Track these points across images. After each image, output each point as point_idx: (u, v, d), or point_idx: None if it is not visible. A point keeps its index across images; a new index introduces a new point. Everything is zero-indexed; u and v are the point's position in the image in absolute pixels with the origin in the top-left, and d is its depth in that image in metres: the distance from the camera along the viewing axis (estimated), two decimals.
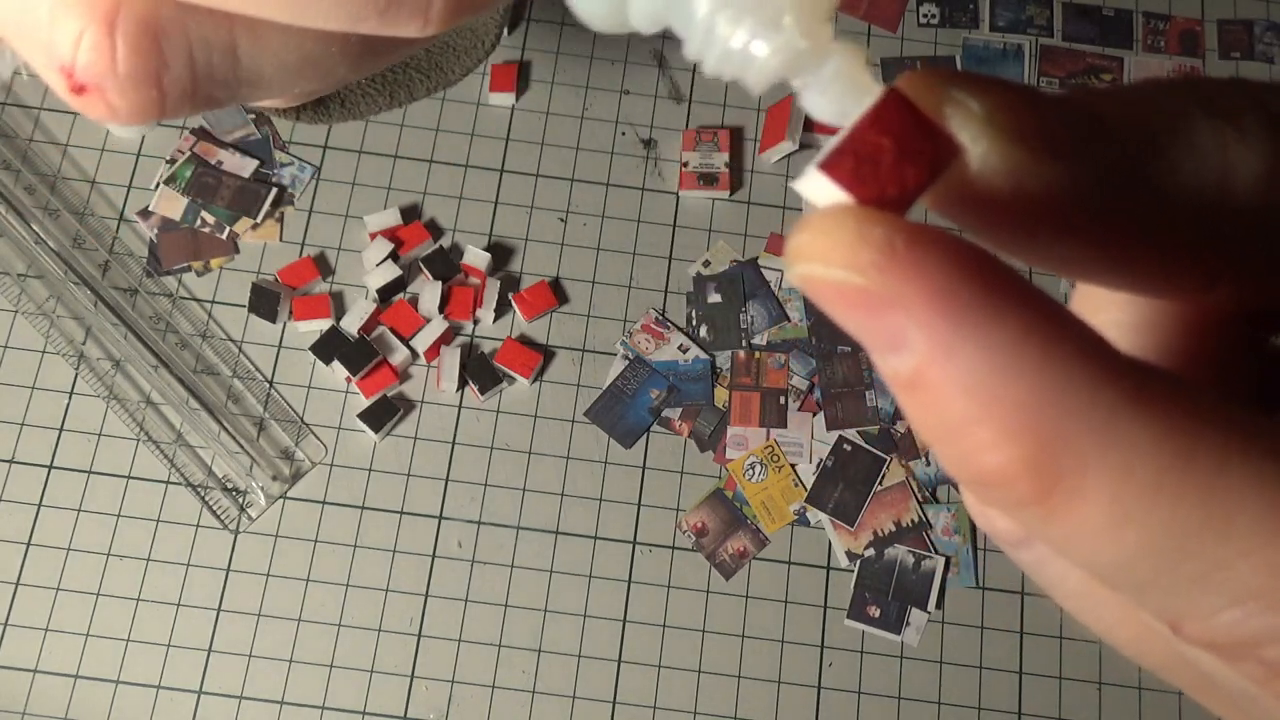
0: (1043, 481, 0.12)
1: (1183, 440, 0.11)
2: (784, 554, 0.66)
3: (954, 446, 0.12)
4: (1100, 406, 0.11)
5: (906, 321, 0.12)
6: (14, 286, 0.69)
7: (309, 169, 0.72)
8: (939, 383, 0.12)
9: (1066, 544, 0.12)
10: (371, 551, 0.65)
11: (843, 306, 0.12)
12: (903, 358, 0.12)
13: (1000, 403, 0.12)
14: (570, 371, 0.69)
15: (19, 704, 0.62)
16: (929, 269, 0.12)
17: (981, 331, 0.12)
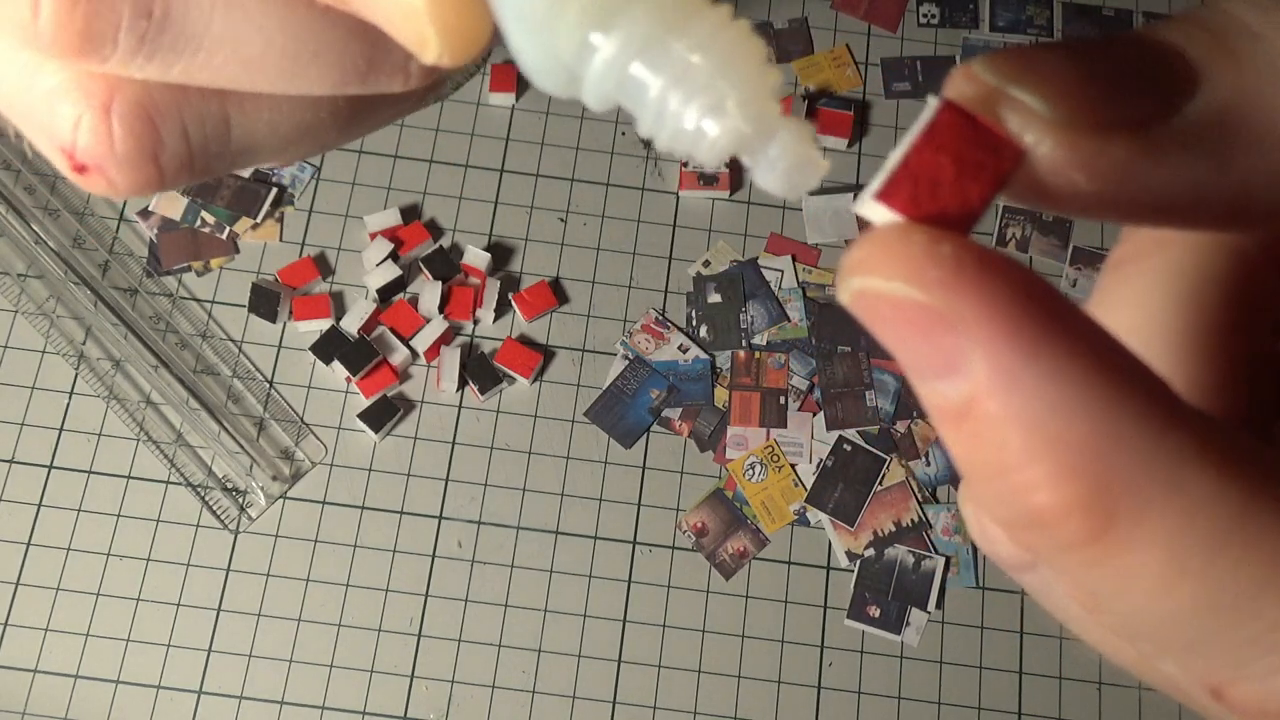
0: (1097, 524, 0.11)
1: (1248, 494, 0.11)
2: (784, 554, 0.66)
3: (1002, 482, 0.12)
4: (1164, 452, 0.11)
5: (966, 345, 0.11)
6: (14, 286, 0.69)
7: (309, 169, 0.72)
8: (996, 414, 0.11)
9: (1113, 593, 0.12)
10: (371, 551, 0.65)
11: (897, 325, 0.12)
12: (955, 384, 0.11)
13: (1061, 440, 0.11)
14: (570, 371, 0.69)
15: (19, 704, 0.62)
16: (997, 292, 0.11)
17: (1048, 363, 0.11)
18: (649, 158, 0.74)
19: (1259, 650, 0.11)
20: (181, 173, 0.18)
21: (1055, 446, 0.11)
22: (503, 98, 0.74)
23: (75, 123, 0.17)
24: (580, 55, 0.13)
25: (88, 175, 0.17)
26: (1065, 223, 0.73)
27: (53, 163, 0.18)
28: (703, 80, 0.13)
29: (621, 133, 0.74)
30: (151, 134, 0.17)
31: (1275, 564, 0.11)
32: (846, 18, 0.79)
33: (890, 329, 0.12)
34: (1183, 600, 0.11)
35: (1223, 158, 0.13)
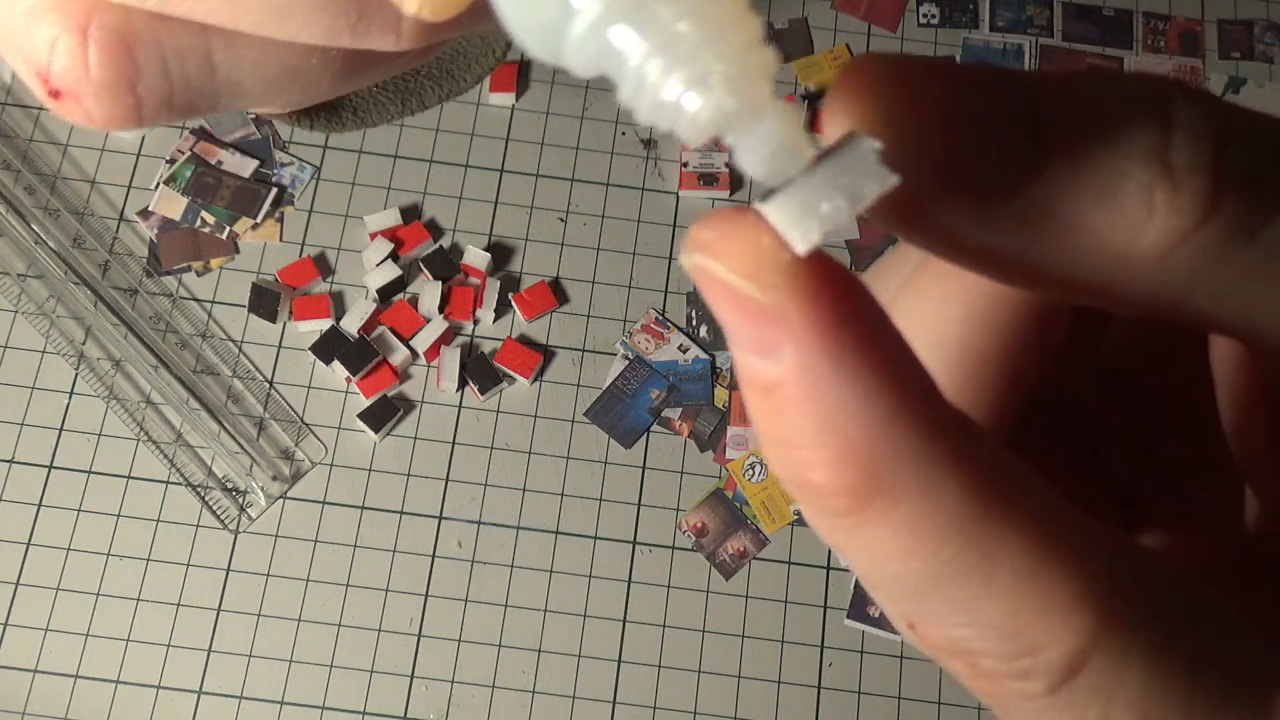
0: (856, 504, 0.13)
1: (978, 500, 0.13)
2: (784, 554, 0.66)
3: (786, 453, 0.14)
4: (923, 456, 0.13)
5: (783, 339, 0.13)
6: (14, 286, 0.69)
7: (309, 169, 0.72)
8: (794, 400, 0.13)
9: (854, 553, 0.14)
10: (371, 551, 0.65)
11: (729, 305, 0.13)
12: (768, 365, 0.13)
13: (842, 434, 0.13)
14: (570, 371, 0.69)
15: (19, 704, 0.62)
16: (822, 302, 0.13)
17: (847, 371, 0.13)
18: (649, 158, 0.74)
19: (952, 610, 0.14)
20: (161, 108, 0.17)
21: (836, 439, 0.13)
22: (503, 98, 0.74)
23: (51, 45, 0.17)
24: (563, 17, 0.12)
25: (63, 101, 0.17)
26: None
27: (31, 89, 0.17)
28: (688, 50, 0.12)
29: (621, 133, 0.74)
30: (129, 61, 0.17)
31: (981, 557, 0.14)
32: (846, 18, 0.79)
33: (723, 307, 0.14)
34: (909, 571, 0.14)
35: (1035, 238, 0.15)
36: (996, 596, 0.14)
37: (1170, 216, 0.14)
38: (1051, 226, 0.14)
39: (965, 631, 0.14)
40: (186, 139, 0.72)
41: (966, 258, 0.15)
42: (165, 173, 0.71)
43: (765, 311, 0.13)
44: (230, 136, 0.73)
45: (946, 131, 0.14)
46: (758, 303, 0.13)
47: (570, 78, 0.76)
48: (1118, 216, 0.14)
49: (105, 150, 0.72)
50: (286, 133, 0.73)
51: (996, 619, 0.14)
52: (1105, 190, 0.14)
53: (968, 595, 0.14)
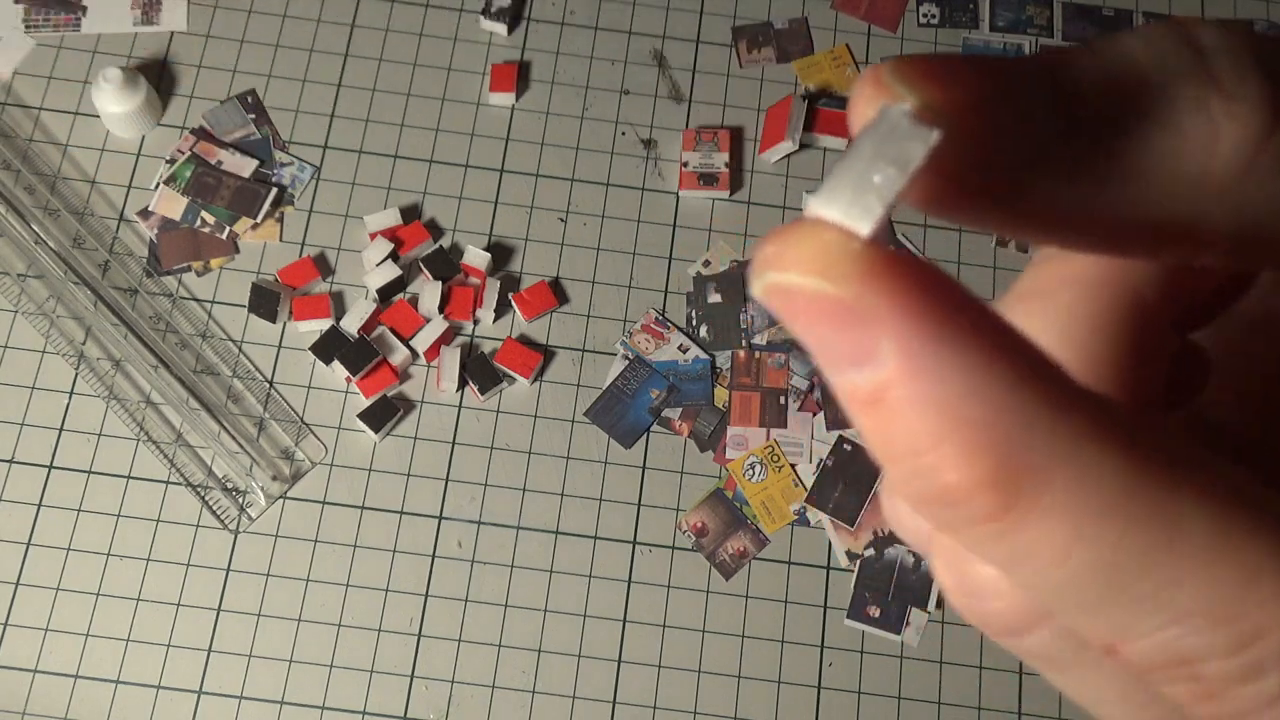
0: (1003, 498, 0.12)
1: (1138, 464, 0.12)
2: (784, 554, 0.66)
3: (913, 463, 0.12)
4: (1063, 428, 0.12)
5: (878, 336, 0.12)
6: (14, 286, 0.69)
7: (309, 169, 0.72)
8: (906, 399, 0.12)
9: (1018, 561, 0.13)
10: (371, 551, 0.65)
11: (812, 317, 0.12)
12: (866, 373, 0.12)
13: (968, 421, 0.12)
14: (570, 371, 0.69)
15: (19, 704, 0.62)
16: (907, 286, 0.12)
17: (954, 350, 0.12)
18: (649, 158, 0.74)
19: (1147, 607, 0.12)
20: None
21: (962, 428, 0.12)
22: (503, 98, 0.74)
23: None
24: None
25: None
26: None
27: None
28: None
29: (622, 133, 0.74)
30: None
31: (1161, 527, 0.12)
32: (846, 18, 0.79)
33: (805, 322, 0.13)
34: (1080, 564, 0.12)
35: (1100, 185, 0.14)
36: (1192, 576, 0.12)
37: (1235, 127, 0.13)
38: (1114, 165, 0.13)
39: (1173, 631, 0.12)
40: (186, 139, 0.72)
41: (1034, 223, 0.14)
42: (165, 173, 0.71)
43: (849, 310, 0.12)
44: (230, 136, 0.73)
45: (976, 90, 0.13)
46: (839, 301, 0.12)
47: (570, 77, 0.76)
48: (1180, 140, 0.13)
49: (105, 150, 0.72)
50: (287, 132, 0.73)
51: (1201, 603, 0.12)
52: (1159, 116, 0.13)
53: (1158, 582, 0.12)
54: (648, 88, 0.76)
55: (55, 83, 0.74)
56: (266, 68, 0.75)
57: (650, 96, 0.75)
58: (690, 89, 0.76)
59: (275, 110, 0.74)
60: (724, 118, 0.75)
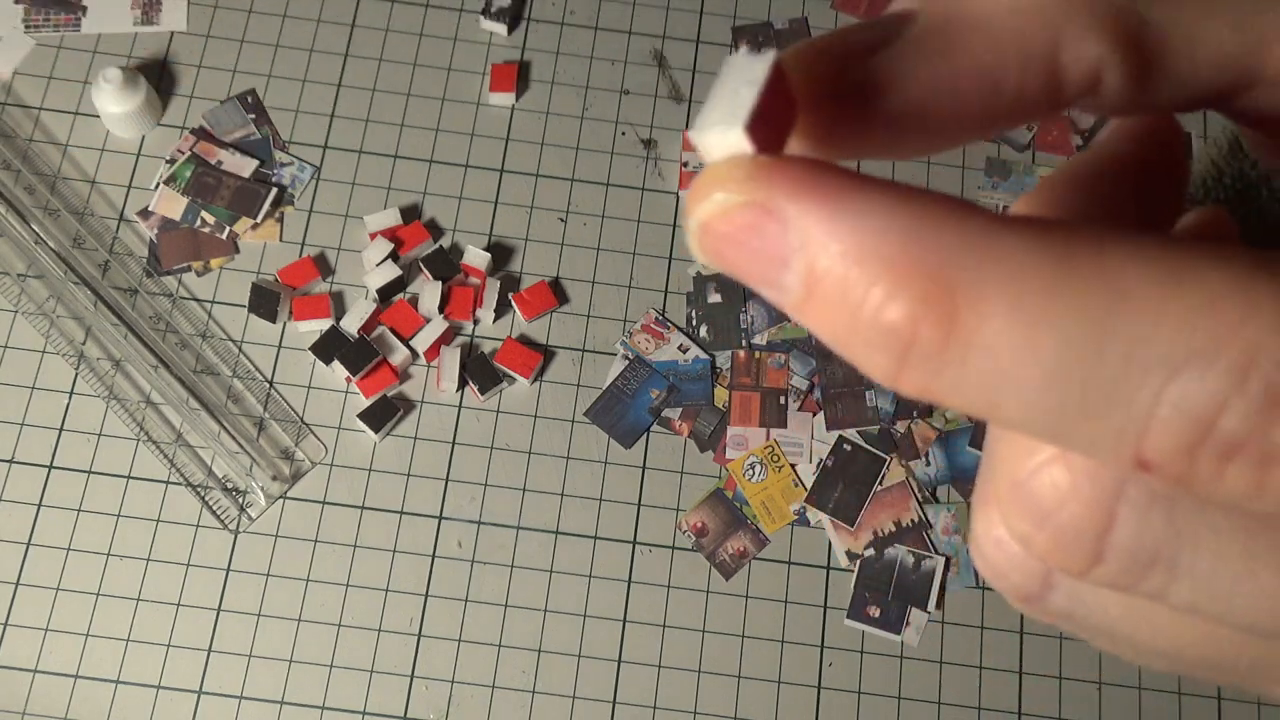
0: (944, 313, 0.12)
1: (1057, 237, 0.12)
2: (784, 554, 0.66)
3: (859, 322, 0.13)
4: (974, 232, 0.12)
5: (790, 227, 0.13)
6: (14, 286, 0.69)
7: (309, 169, 0.72)
8: (829, 267, 0.13)
9: (991, 382, 0.13)
10: (371, 551, 0.65)
11: (733, 239, 0.13)
12: (794, 268, 0.13)
13: (884, 258, 0.12)
14: (570, 371, 0.69)
15: (19, 704, 0.62)
16: (798, 170, 0.13)
17: (853, 204, 0.13)
18: (649, 158, 0.74)
19: (1137, 375, 0.12)
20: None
21: (881, 265, 0.12)
22: (503, 98, 0.74)
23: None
24: None
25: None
26: None
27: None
28: None
29: (621, 133, 0.74)
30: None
31: (1102, 291, 0.12)
32: (846, 18, 0.79)
33: (729, 246, 0.13)
34: (1048, 353, 0.12)
35: (945, 57, 0.15)
36: (1156, 326, 0.12)
37: None
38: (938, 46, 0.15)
39: (1173, 391, 0.12)
40: (186, 139, 0.72)
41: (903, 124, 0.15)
42: (165, 173, 0.71)
43: (759, 212, 0.13)
44: (230, 136, 0.73)
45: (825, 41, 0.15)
46: (747, 207, 0.13)
47: (570, 77, 0.76)
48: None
49: (105, 150, 0.72)
50: (286, 133, 0.73)
51: (1180, 346, 0.12)
52: None
53: (1128, 343, 0.12)
54: (648, 88, 0.76)
55: (55, 83, 0.74)
56: (266, 68, 0.75)
57: (650, 96, 0.75)
58: (690, 89, 0.76)
59: (275, 110, 0.74)
60: None
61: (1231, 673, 0.16)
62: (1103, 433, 0.12)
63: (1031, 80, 0.15)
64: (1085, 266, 0.12)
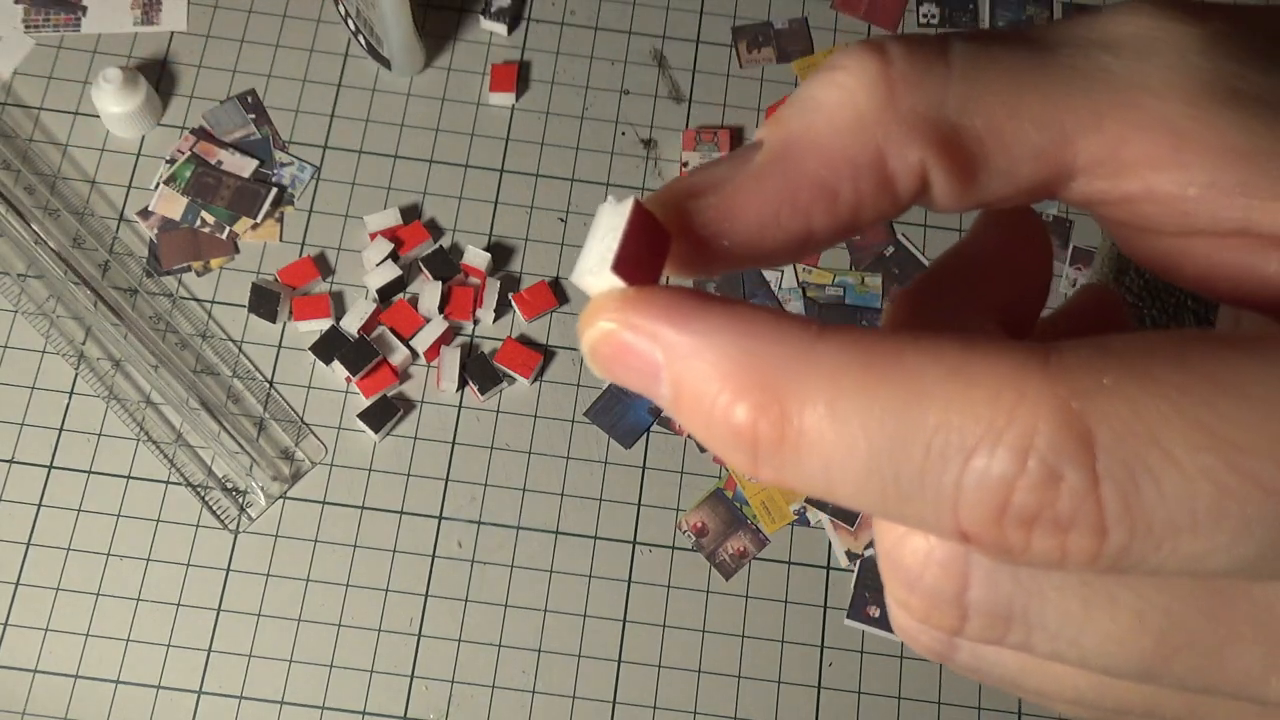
0: (776, 416, 0.14)
1: (865, 344, 0.14)
2: (784, 554, 0.66)
3: (714, 426, 0.15)
4: (795, 344, 0.14)
5: (652, 346, 0.15)
6: (14, 286, 0.69)
7: (309, 169, 0.72)
8: (684, 378, 0.15)
9: (824, 473, 0.15)
10: (371, 551, 0.65)
11: (616, 362, 0.16)
12: (663, 381, 0.15)
13: (724, 373, 0.15)
14: (570, 371, 0.69)
15: (19, 704, 0.62)
16: (657, 299, 0.16)
17: (698, 326, 0.15)
18: (649, 158, 0.74)
19: (939, 467, 0.14)
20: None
21: (725, 377, 0.15)
22: (503, 98, 0.74)
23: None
24: None
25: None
26: (1065, 223, 0.73)
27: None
28: None
29: (621, 133, 0.74)
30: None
31: (904, 386, 0.14)
32: (846, 18, 0.79)
33: (614, 364, 0.16)
34: (861, 449, 0.14)
35: (784, 176, 0.17)
36: (950, 413, 0.14)
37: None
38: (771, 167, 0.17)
39: (974, 469, 0.14)
40: (186, 139, 0.72)
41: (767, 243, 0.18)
42: (165, 173, 0.71)
43: (630, 336, 0.16)
44: (230, 136, 0.73)
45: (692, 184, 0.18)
46: (620, 333, 0.16)
47: (570, 77, 0.76)
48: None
49: (105, 150, 0.72)
50: (286, 132, 0.73)
51: (972, 427, 0.13)
52: None
53: (932, 431, 0.14)
54: (648, 88, 0.76)
55: (55, 83, 0.74)
56: (266, 68, 0.75)
57: (650, 96, 0.75)
58: (690, 89, 0.76)
59: (275, 110, 0.74)
60: (724, 118, 0.75)
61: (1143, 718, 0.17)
62: (923, 512, 0.14)
63: (865, 187, 0.17)
64: (888, 369, 0.14)
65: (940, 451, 0.14)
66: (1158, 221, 0.17)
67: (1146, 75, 0.16)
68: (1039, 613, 0.16)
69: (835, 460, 0.14)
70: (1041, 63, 0.16)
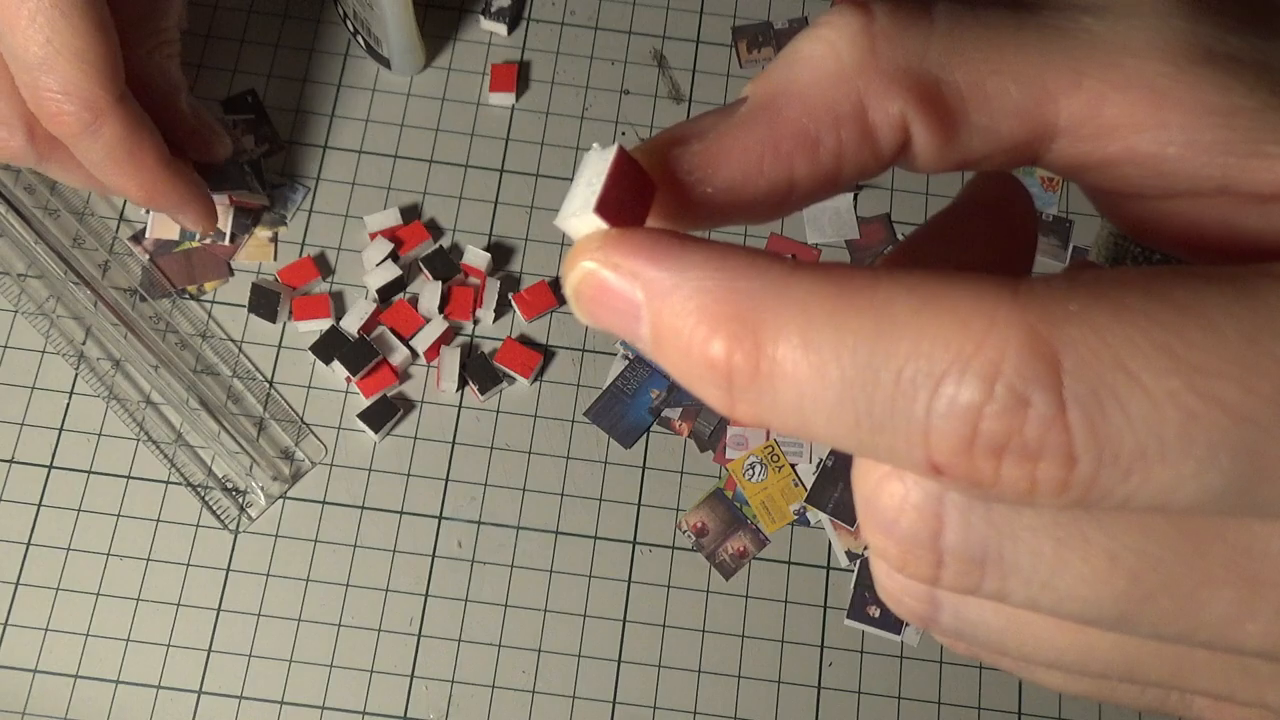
0: (750, 347, 0.14)
1: (838, 277, 0.15)
2: (784, 554, 0.66)
3: (692, 361, 0.15)
4: (771, 278, 0.15)
5: (632, 284, 0.15)
6: (14, 286, 0.69)
7: (301, 190, 0.72)
8: (656, 317, 0.15)
9: (798, 405, 0.15)
10: (371, 551, 0.65)
11: (598, 303, 0.16)
12: (643, 320, 0.16)
13: (701, 307, 0.15)
14: (570, 371, 0.69)
15: (19, 704, 0.62)
16: (638, 239, 0.16)
17: (676, 263, 0.15)
18: None
19: (909, 395, 0.14)
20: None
21: (702, 311, 0.15)
22: (503, 98, 0.75)
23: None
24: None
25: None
26: (1065, 223, 0.73)
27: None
28: None
29: (622, 133, 0.74)
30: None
31: (874, 315, 0.14)
32: None
33: (596, 306, 0.16)
34: (834, 379, 0.14)
35: (768, 125, 0.17)
36: (920, 340, 0.14)
37: None
38: (749, 116, 0.18)
39: (944, 395, 0.14)
40: None
41: (747, 193, 0.18)
42: None
43: (612, 276, 0.16)
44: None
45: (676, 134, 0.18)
46: (601, 272, 0.16)
47: (570, 77, 0.76)
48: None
49: None
50: (286, 132, 0.73)
51: (941, 355, 0.14)
52: None
53: (904, 358, 0.14)
54: (648, 88, 0.76)
55: None
56: (266, 68, 0.75)
57: (650, 96, 0.75)
58: (690, 89, 0.76)
59: (275, 110, 0.74)
60: None
61: (1124, 687, 0.17)
62: (895, 443, 0.14)
63: (847, 136, 0.17)
64: (860, 301, 0.14)
65: (911, 379, 0.14)
66: (1139, 184, 0.17)
67: (1127, 36, 0.16)
68: (1013, 556, 0.16)
69: (808, 391, 0.14)
70: (1023, 22, 0.16)
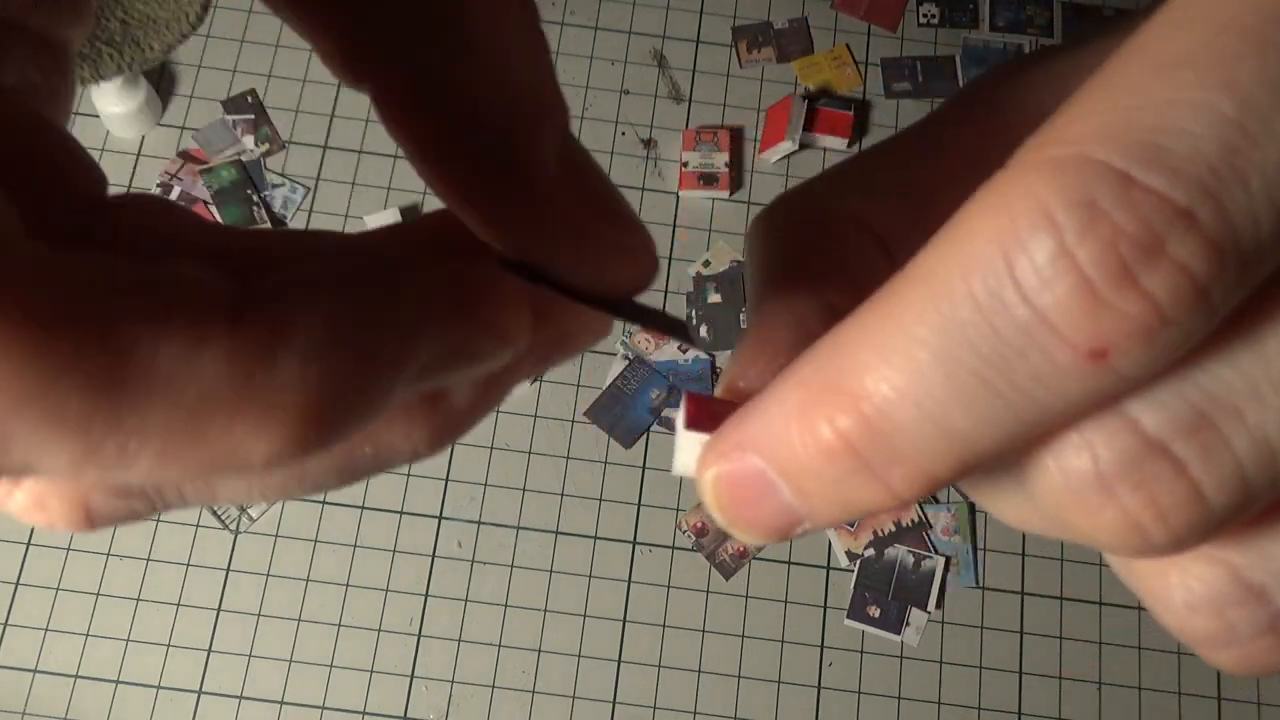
0: (848, 406, 0.14)
1: (859, 312, 0.14)
2: (784, 554, 0.66)
3: (821, 467, 0.15)
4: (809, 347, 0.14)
5: (745, 454, 0.16)
6: None
7: (300, 190, 0.72)
8: (777, 451, 0.15)
9: (927, 421, 0.13)
10: (371, 551, 0.65)
11: (738, 499, 0.16)
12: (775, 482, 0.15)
13: (793, 406, 0.15)
14: (570, 371, 0.69)
15: (19, 704, 0.62)
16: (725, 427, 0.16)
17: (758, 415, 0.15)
18: (649, 158, 0.74)
19: (1003, 309, 0.13)
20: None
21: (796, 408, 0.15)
22: None
23: None
24: None
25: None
26: None
27: None
28: None
29: (621, 133, 0.74)
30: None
31: (916, 291, 0.13)
32: (846, 18, 0.79)
33: (737, 505, 0.16)
34: (926, 361, 0.13)
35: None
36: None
37: None
38: None
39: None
40: (173, 163, 0.72)
41: None
42: None
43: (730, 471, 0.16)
44: (220, 156, 0.73)
45: None
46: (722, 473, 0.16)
47: (570, 77, 0.76)
48: None
49: (105, 150, 0.72)
50: (286, 132, 0.73)
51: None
52: None
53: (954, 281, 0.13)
54: (648, 88, 0.76)
55: None
56: (266, 68, 0.75)
57: (650, 96, 0.75)
58: (690, 89, 0.76)
59: (275, 110, 0.74)
60: (724, 118, 0.75)
61: None
62: (1035, 359, 0.13)
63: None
64: (882, 296, 0.14)
65: (986, 293, 0.12)
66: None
67: None
68: None
69: (919, 392, 0.13)
70: None
